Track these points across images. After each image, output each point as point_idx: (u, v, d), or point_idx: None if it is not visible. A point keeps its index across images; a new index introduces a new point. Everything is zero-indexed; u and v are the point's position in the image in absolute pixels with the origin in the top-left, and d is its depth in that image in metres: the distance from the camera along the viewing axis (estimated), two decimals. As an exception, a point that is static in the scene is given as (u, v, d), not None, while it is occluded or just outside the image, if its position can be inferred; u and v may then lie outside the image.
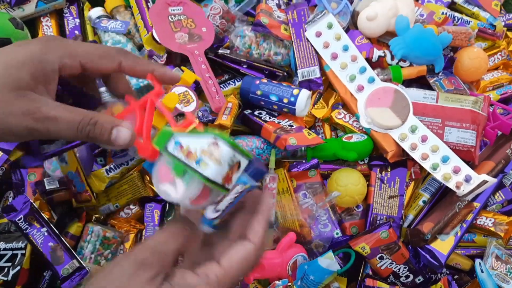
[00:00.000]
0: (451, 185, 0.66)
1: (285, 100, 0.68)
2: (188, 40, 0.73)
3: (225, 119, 0.66)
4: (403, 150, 0.69)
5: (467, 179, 0.65)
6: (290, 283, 0.65)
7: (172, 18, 0.74)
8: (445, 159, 0.66)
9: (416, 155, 0.67)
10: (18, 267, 0.63)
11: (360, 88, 0.70)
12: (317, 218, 0.69)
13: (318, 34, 0.72)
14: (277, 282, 0.65)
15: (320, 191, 0.69)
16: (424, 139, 0.67)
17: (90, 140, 0.39)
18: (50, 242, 0.63)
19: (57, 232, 0.64)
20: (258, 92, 0.70)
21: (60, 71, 0.39)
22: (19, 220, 0.63)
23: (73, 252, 0.63)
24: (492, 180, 0.64)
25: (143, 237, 0.69)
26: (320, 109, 0.74)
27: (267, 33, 0.75)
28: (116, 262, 0.35)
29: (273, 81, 0.71)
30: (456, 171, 0.66)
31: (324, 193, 0.69)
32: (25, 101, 0.37)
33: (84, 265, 0.63)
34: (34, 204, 0.64)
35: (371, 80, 0.70)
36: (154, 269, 0.34)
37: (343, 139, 0.69)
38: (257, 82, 0.70)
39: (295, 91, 0.68)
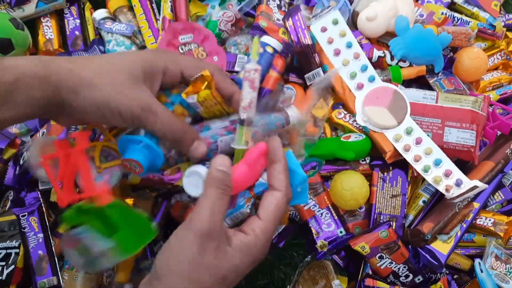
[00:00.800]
0: (441, 188, 0.66)
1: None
2: None
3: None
4: (401, 150, 0.69)
5: (458, 183, 0.66)
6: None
7: (182, 49, 0.72)
8: (437, 162, 0.66)
9: (409, 157, 0.67)
10: (12, 266, 0.63)
11: (360, 86, 0.70)
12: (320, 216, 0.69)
13: (323, 29, 0.72)
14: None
15: (321, 191, 0.69)
16: (418, 141, 0.67)
17: (174, 143, 0.46)
18: (40, 251, 0.62)
19: (51, 242, 0.63)
20: None
21: (164, 74, 0.45)
22: (22, 216, 0.62)
23: (58, 269, 0.62)
24: (483, 186, 0.65)
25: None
26: (320, 108, 0.74)
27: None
28: (181, 236, 0.39)
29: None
30: (447, 174, 0.66)
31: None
32: (137, 89, 0.43)
33: (62, 285, 0.62)
34: (43, 205, 0.64)
35: (372, 79, 0.70)
36: (217, 238, 0.38)
37: (342, 139, 0.69)
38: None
39: None
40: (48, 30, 0.79)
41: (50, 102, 0.41)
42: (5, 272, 0.62)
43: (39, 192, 0.66)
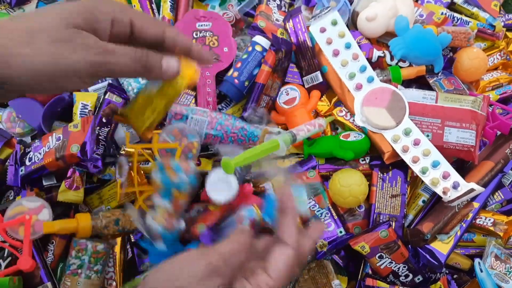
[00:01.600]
0: (438, 190, 0.66)
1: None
2: None
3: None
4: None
5: (455, 186, 0.66)
6: (258, 215, 0.60)
7: (196, 34, 0.73)
8: (435, 164, 0.66)
9: (407, 158, 0.67)
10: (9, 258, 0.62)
11: (359, 87, 0.71)
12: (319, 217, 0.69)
13: (322, 30, 0.72)
14: (243, 213, 0.60)
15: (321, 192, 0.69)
16: (416, 143, 0.67)
17: (145, 72, 0.40)
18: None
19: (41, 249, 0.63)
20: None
21: (112, 24, 0.39)
22: None
23: (53, 277, 0.63)
24: (479, 189, 0.65)
25: (131, 239, 0.68)
26: (323, 105, 0.74)
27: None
28: (187, 261, 0.36)
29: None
30: (445, 176, 0.66)
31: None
32: (82, 37, 0.36)
33: None
34: None
35: (370, 80, 0.70)
36: (225, 279, 0.36)
37: (340, 137, 0.69)
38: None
39: None
40: (48, 30, 0.79)
41: None
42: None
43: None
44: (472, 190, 0.64)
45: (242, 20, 0.80)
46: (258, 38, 0.73)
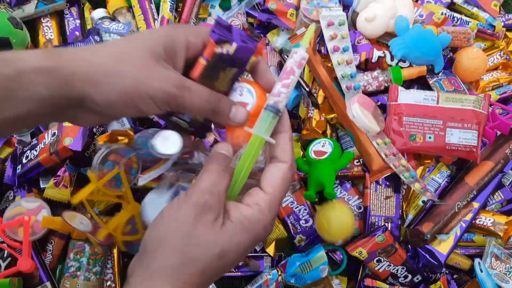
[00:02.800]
0: (416, 187, 0.66)
1: None
2: None
3: None
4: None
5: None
6: (280, 276, 0.68)
7: None
8: (413, 175, 0.67)
9: (389, 161, 0.67)
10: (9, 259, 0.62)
11: (349, 88, 0.70)
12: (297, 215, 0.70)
13: (330, 24, 0.71)
14: (268, 276, 0.67)
15: (298, 188, 0.70)
16: (394, 154, 0.67)
17: (213, 115, 0.41)
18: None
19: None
20: None
21: (187, 49, 0.40)
22: None
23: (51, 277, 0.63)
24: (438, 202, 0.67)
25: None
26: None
27: (273, 20, 0.74)
28: (176, 207, 0.36)
29: None
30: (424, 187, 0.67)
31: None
32: (164, 68, 0.38)
33: None
34: None
35: (357, 87, 0.70)
36: (216, 211, 0.36)
37: (312, 155, 0.67)
38: None
39: None
40: (48, 30, 0.79)
41: (61, 99, 0.36)
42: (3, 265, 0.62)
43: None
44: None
45: (248, 30, 0.80)
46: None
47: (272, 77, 0.42)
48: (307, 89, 0.68)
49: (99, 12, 0.78)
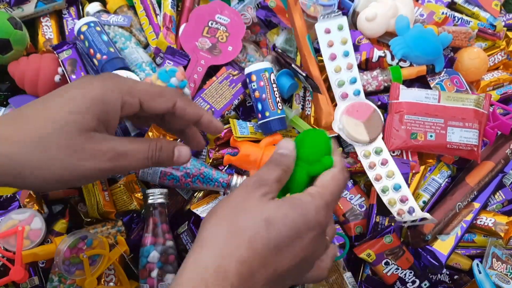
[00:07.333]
0: (394, 210, 0.66)
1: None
2: (206, 48, 0.73)
3: None
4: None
5: (410, 211, 0.66)
6: None
7: (211, 24, 0.74)
8: (396, 187, 0.66)
9: (371, 174, 0.68)
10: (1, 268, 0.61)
11: (344, 96, 0.70)
12: None
13: (327, 31, 0.71)
14: None
15: None
16: (383, 163, 0.67)
17: (158, 165, 0.42)
18: None
19: None
20: None
21: (122, 109, 0.39)
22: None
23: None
24: (432, 220, 0.65)
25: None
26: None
27: (272, 18, 0.74)
28: (231, 193, 0.38)
29: None
30: (403, 200, 0.66)
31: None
32: (95, 142, 0.37)
33: None
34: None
35: (357, 93, 0.70)
36: (266, 187, 0.37)
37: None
38: None
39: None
40: (48, 30, 0.79)
41: None
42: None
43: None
44: (425, 219, 0.65)
45: (258, 24, 0.80)
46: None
47: (203, 111, 0.45)
48: (304, 74, 0.68)
49: (94, 6, 0.77)
